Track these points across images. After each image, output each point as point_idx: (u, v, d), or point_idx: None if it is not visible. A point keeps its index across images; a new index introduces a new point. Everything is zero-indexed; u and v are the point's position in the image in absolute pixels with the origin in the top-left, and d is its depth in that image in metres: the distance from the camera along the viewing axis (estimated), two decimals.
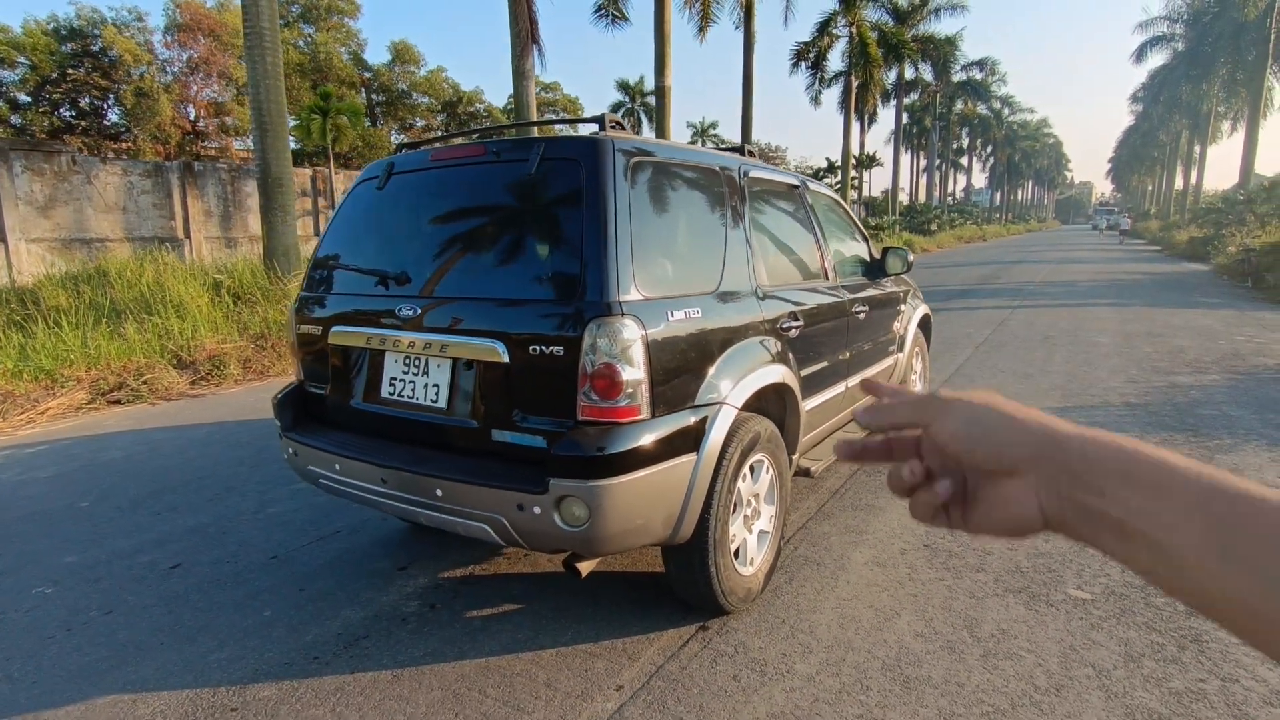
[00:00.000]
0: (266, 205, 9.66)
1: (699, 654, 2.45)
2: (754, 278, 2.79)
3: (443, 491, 2.23)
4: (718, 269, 2.60)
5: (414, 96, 37.94)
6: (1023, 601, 2.78)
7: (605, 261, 2.11)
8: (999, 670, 2.34)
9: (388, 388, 2.54)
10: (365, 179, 2.83)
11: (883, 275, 4.16)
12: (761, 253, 2.91)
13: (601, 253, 2.12)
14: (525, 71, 13.60)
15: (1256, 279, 14.84)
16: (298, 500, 3.95)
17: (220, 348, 7.65)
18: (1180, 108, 40.03)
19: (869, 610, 2.72)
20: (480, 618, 2.71)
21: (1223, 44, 29.40)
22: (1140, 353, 7.84)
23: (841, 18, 29.45)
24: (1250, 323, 10.10)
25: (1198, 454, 4.43)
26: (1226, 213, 24.98)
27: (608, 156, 2.24)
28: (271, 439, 5.16)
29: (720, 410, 2.38)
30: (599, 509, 2.04)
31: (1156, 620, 2.63)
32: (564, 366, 2.11)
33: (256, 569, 3.15)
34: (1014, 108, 61.88)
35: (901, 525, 3.46)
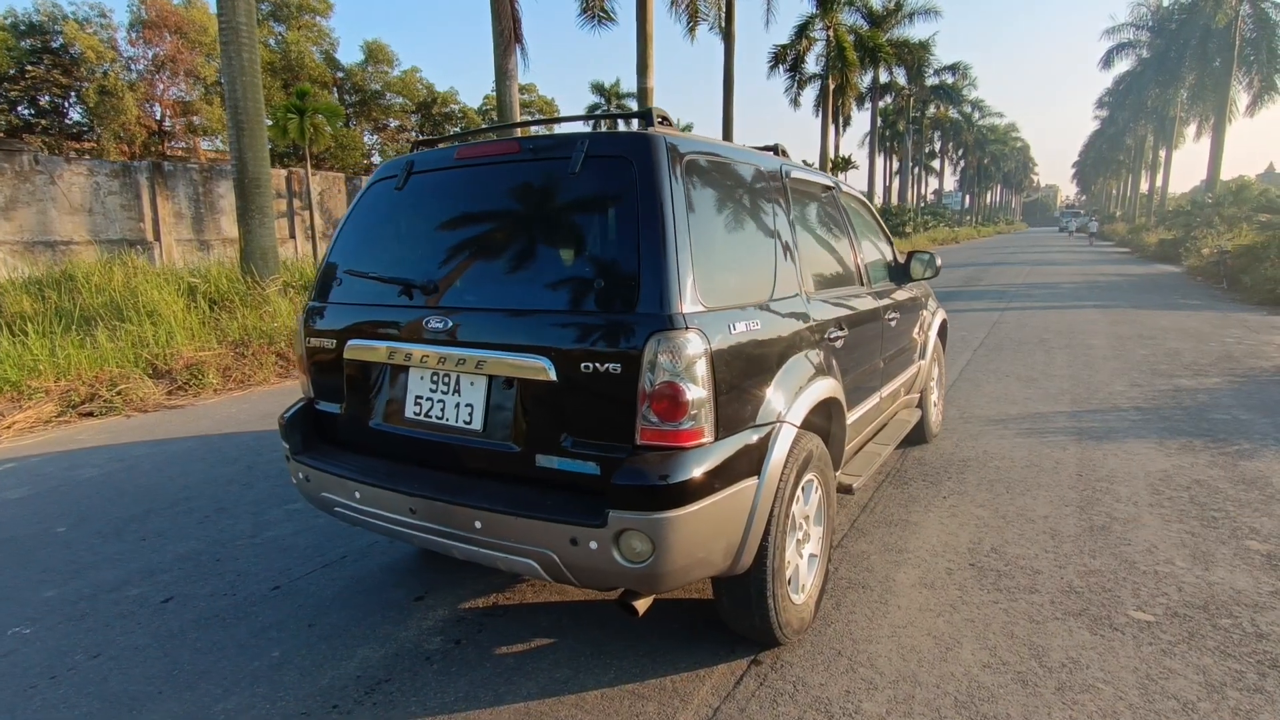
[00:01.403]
0: (244, 207, 9.29)
1: (756, 693, 2.26)
2: (802, 284, 2.62)
3: (482, 524, 2.02)
4: (770, 276, 2.42)
5: (387, 97, 37.33)
6: (1085, 625, 2.63)
7: (665, 269, 1.92)
8: (1079, 705, 2.19)
9: (412, 407, 2.31)
10: (380, 179, 2.60)
11: (907, 280, 4.02)
12: (806, 258, 2.74)
13: (660, 260, 1.92)
14: (508, 71, 13.35)
15: (1232, 281, 15.08)
16: (296, 522, 3.69)
17: (198, 356, 7.30)
18: (1146, 113, 40.88)
19: (928, 638, 2.55)
20: (512, 655, 2.49)
21: (1189, 51, 30.04)
22: (1137, 355, 7.83)
23: (819, 21, 29.58)
24: (1234, 324, 10.20)
25: (1221, 461, 4.36)
26: (1195, 215, 25.51)
27: (661, 153, 2.04)
28: (262, 454, 4.88)
29: (780, 429, 2.20)
30: (663, 543, 1.84)
31: (1228, 644, 2.50)
32: (621, 386, 1.91)
33: (258, 602, 2.90)
34: (984, 112, 62.76)
35: (942, 543, 3.31)
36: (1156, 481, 4.05)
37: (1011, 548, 3.26)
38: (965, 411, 5.63)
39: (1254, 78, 28.16)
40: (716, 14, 22.17)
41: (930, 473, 4.27)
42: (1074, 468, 4.31)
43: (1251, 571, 3.01)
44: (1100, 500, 3.80)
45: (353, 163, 33.07)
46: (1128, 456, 4.48)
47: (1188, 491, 3.90)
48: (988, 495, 3.90)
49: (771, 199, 2.60)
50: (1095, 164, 69.69)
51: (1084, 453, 4.58)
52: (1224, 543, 3.28)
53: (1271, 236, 15.69)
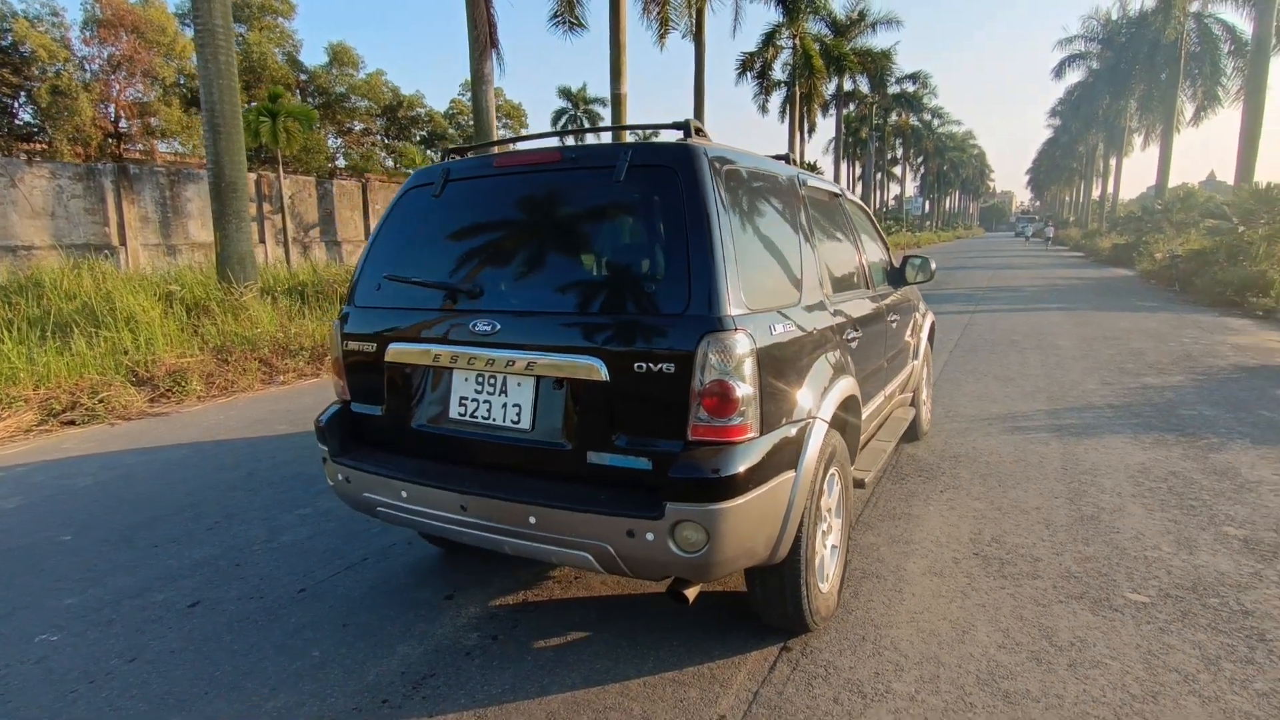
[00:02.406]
0: (220, 211, 9.15)
1: (791, 677, 2.37)
2: (823, 287, 2.75)
3: (537, 519, 2.09)
4: (798, 279, 2.55)
5: (352, 100, 36.85)
6: (1087, 607, 2.80)
7: (714, 273, 2.02)
8: (1092, 680, 2.34)
9: (457, 408, 2.37)
10: (415, 186, 2.66)
11: (903, 283, 4.19)
12: (824, 262, 2.87)
13: (709, 264, 2.03)
14: (484, 76, 13.36)
15: (1184, 284, 15.75)
16: (310, 526, 3.70)
17: (180, 363, 7.19)
18: (1097, 122, 42.35)
19: (944, 623, 2.69)
20: (550, 648, 2.57)
21: (1138, 64, 31.26)
22: (1104, 355, 8.18)
23: (785, 29, 30.07)
24: (1189, 325, 10.67)
25: (1193, 453, 4.62)
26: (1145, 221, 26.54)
27: (704, 163, 2.15)
28: (261, 460, 4.85)
29: (814, 425, 2.32)
30: (717, 533, 1.94)
31: (1218, 621, 2.69)
32: (673, 384, 2.01)
33: (287, 604, 2.92)
34: (943, 119, 64.39)
35: (945, 534, 3.47)
36: (1136, 474, 4.28)
37: (1010, 537, 3.43)
38: (951, 410, 5.85)
39: (1198, 90, 29.41)
40: (687, 22, 22.42)
41: (925, 469, 4.45)
42: (1058, 462, 4.52)
43: (1232, 555, 3.22)
44: (1087, 492, 4.00)
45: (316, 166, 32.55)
46: (1107, 451, 4.72)
47: (1166, 482, 4.13)
48: (982, 489, 4.08)
49: (793, 206, 2.73)
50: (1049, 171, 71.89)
51: (1066, 448, 4.80)
52: (1204, 529, 3.50)
53: (1219, 242, 16.41)
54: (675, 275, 2.07)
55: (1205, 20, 27.80)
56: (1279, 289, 11.91)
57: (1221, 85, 28.17)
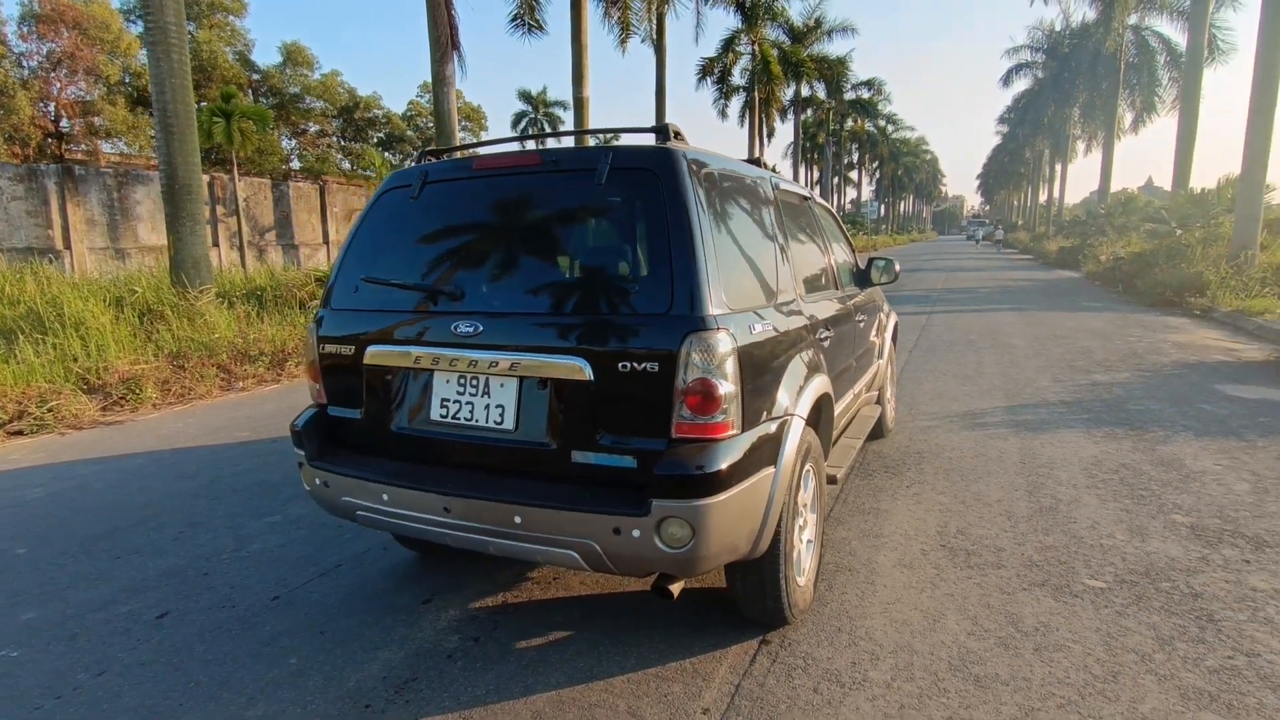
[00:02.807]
0: (174, 214, 8.89)
1: (771, 669, 2.43)
2: (796, 288, 2.82)
3: (522, 519, 2.11)
4: (774, 279, 2.61)
5: (307, 100, 36.12)
6: (1049, 594, 2.92)
7: (695, 274, 2.06)
8: (1056, 663, 2.45)
9: (438, 410, 2.37)
10: (392, 188, 2.65)
11: (868, 284, 4.30)
12: (796, 263, 2.94)
13: (691, 265, 2.07)
14: (446, 78, 13.24)
15: (1127, 285, 16.39)
16: (279, 534, 3.64)
17: (133, 369, 6.97)
18: (1043, 129, 43.80)
19: (916, 613, 2.78)
20: (532, 648, 2.58)
21: (1081, 73, 32.46)
22: (1054, 354, 8.48)
23: (745, 35, 30.45)
24: (1133, 324, 11.12)
25: (1141, 446, 4.83)
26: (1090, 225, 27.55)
27: (683, 166, 2.19)
28: (223, 468, 4.75)
29: (792, 422, 2.38)
30: (702, 528, 1.99)
31: (1170, 604, 2.83)
32: (657, 383, 2.04)
33: (261, 612, 2.87)
34: (897, 125, 65.84)
35: (913, 527, 3.58)
36: (1089, 466, 4.46)
37: (975, 529, 3.55)
38: (913, 408, 6.01)
39: (1136, 99, 30.66)
40: (648, 27, 22.56)
41: (891, 464, 4.57)
42: (1017, 456, 4.69)
43: (1180, 541, 3.39)
44: (1044, 484, 4.16)
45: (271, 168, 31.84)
46: (1062, 445, 4.90)
47: (1117, 474, 4.32)
48: (945, 483, 4.21)
49: (767, 209, 2.80)
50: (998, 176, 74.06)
51: (1023, 443, 4.98)
52: (1154, 517, 3.67)
53: (1159, 244, 17.13)
54: (658, 276, 2.11)
55: (1143, 32, 29.01)
56: (1214, 289, 12.47)
57: (1158, 95, 29.41)
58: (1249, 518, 3.64)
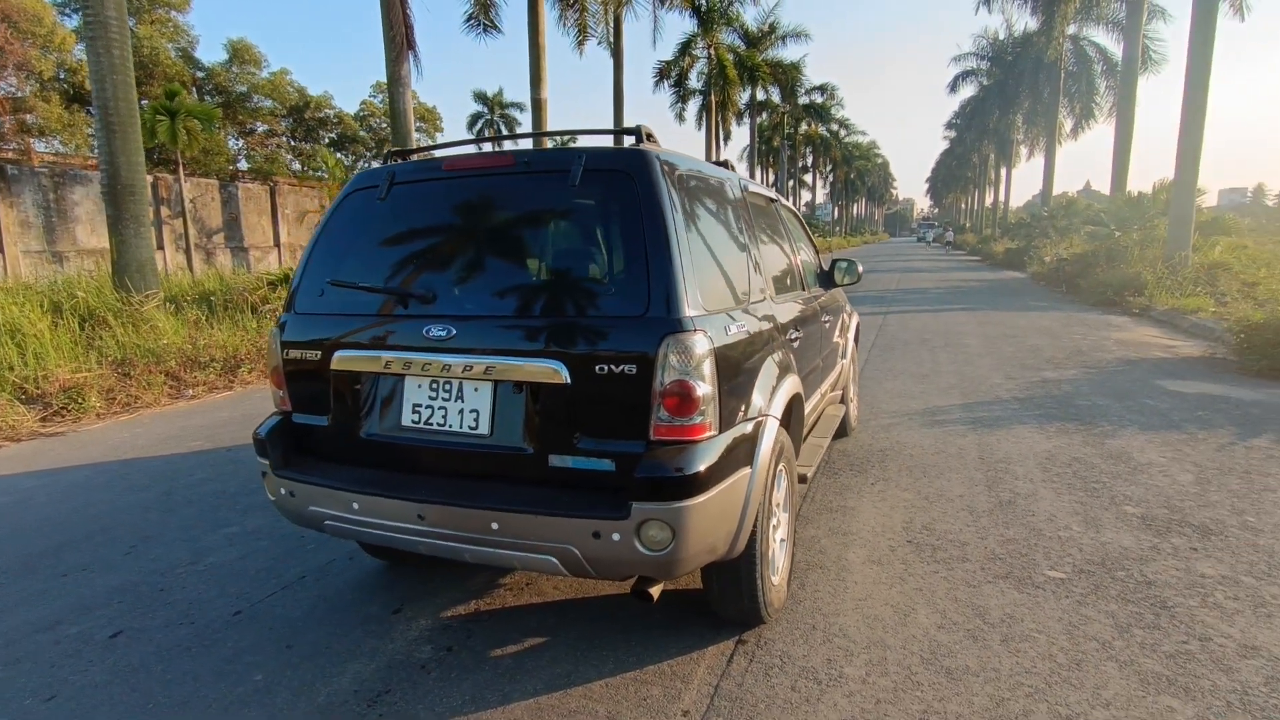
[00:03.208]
0: (116, 216, 8.55)
1: (749, 669, 2.44)
2: (767, 289, 2.84)
3: (500, 525, 2.08)
4: (745, 280, 2.62)
5: (255, 99, 35.13)
6: (1013, 586, 3.00)
7: (672, 276, 2.06)
8: (1023, 653, 2.51)
9: (410, 415, 2.32)
10: (358, 189, 2.58)
11: (832, 285, 4.36)
12: (766, 264, 2.97)
13: (667, 267, 2.07)
14: (401, 78, 13.03)
15: (1070, 285, 17.00)
16: (239, 546, 3.52)
17: (75, 378, 6.67)
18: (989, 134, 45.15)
19: (886, 608, 2.83)
20: (508, 656, 2.54)
21: (1024, 81, 33.56)
22: (1005, 352, 8.74)
23: (701, 39, 30.69)
24: (1077, 323, 11.53)
25: (1091, 440, 5.00)
26: (1034, 227, 28.50)
27: (658, 168, 2.19)
28: (176, 479, 4.58)
29: (767, 422, 2.39)
30: (682, 530, 1.99)
31: (1126, 592, 2.94)
32: (635, 385, 2.04)
33: (222, 628, 2.77)
34: (850, 130, 67.13)
35: (880, 524, 3.64)
36: (1044, 460, 4.61)
37: (939, 524, 3.63)
38: (874, 407, 6.12)
39: (1076, 106, 31.82)
40: (605, 30, 22.56)
41: (855, 463, 4.64)
42: (975, 452, 4.81)
43: (1132, 531, 3.52)
44: (1003, 479, 4.28)
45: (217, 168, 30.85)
46: (1017, 441, 5.05)
47: (1070, 468, 4.46)
48: (909, 480, 4.29)
49: (737, 210, 2.81)
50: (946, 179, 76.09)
51: (980, 439, 5.11)
52: (1106, 509, 3.81)
53: (1099, 246, 17.82)
54: (634, 278, 2.10)
55: (1080, 42, 30.13)
56: (1151, 289, 13.01)
57: (1096, 102, 30.58)
58: (1194, 507, 3.80)
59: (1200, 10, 12.99)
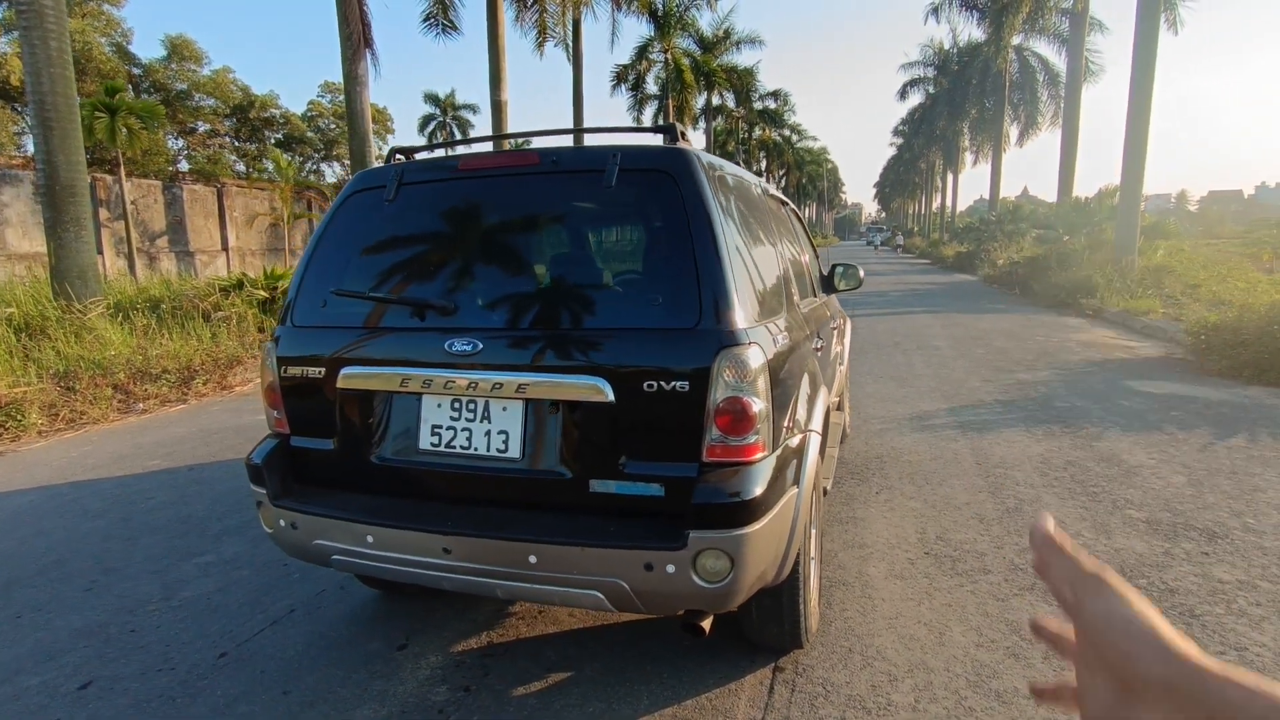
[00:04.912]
0: (55, 218, 8.00)
1: (793, 699, 2.30)
2: (795, 296, 2.72)
3: (538, 558, 1.89)
4: (781, 288, 2.49)
5: (196, 98, 33.75)
6: (1039, 598, 2.93)
7: (723, 284, 1.92)
8: (1067, 670, 2.43)
9: (429, 438, 2.12)
10: (360, 190, 2.36)
11: (832, 289, 4.28)
12: (791, 270, 2.85)
13: (718, 275, 1.92)
14: (358, 77, 12.60)
15: (1023, 287, 17.46)
16: (215, 577, 3.24)
17: (12, 393, 6.18)
18: (936, 140, 46.36)
19: (920, 626, 2.73)
20: (533, 694, 2.35)
21: (971, 90, 34.55)
22: (977, 354, 8.84)
23: (657, 44, 30.70)
24: (1037, 325, 11.79)
25: (1080, 443, 5.03)
26: (983, 231, 29.32)
27: (700, 169, 2.04)
28: (135, 503, 4.23)
29: (811, 438, 2.27)
30: (741, 559, 1.83)
31: (1155, 601, 2.83)
32: (686, 403, 1.88)
33: (208, 674, 2.51)
34: (801, 135, 68.20)
35: (894, 535, 3.55)
36: (1040, 464, 4.61)
37: (952, 534, 3.56)
38: (862, 412, 6.08)
39: (1020, 114, 32.88)
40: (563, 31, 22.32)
41: (855, 471, 4.56)
42: (971, 457, 4.79)
43: (1141, 537, 3.51)
44: (1004, 485, 4.25)
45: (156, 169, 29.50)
46: (1009, 445, 5.05)
47: (1066, 471, 4.47)
48: (913, 488, 4.23)
49: (766, 214, 2.69)
50: (894, 184, 77.92)
51: (973, 443, 5.10)
52: (1111, 514, 3.80)
53: (1049, 250, 18.37)
54: (683, 287, 1.94)
55: (1025, 53, 31.15)
56: (1102, 291, 13.42)
57: (1039, 111, 31.64)
58: (1194, 509, 3.82)
59: (1143, 27, 13.47)
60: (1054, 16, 24.50)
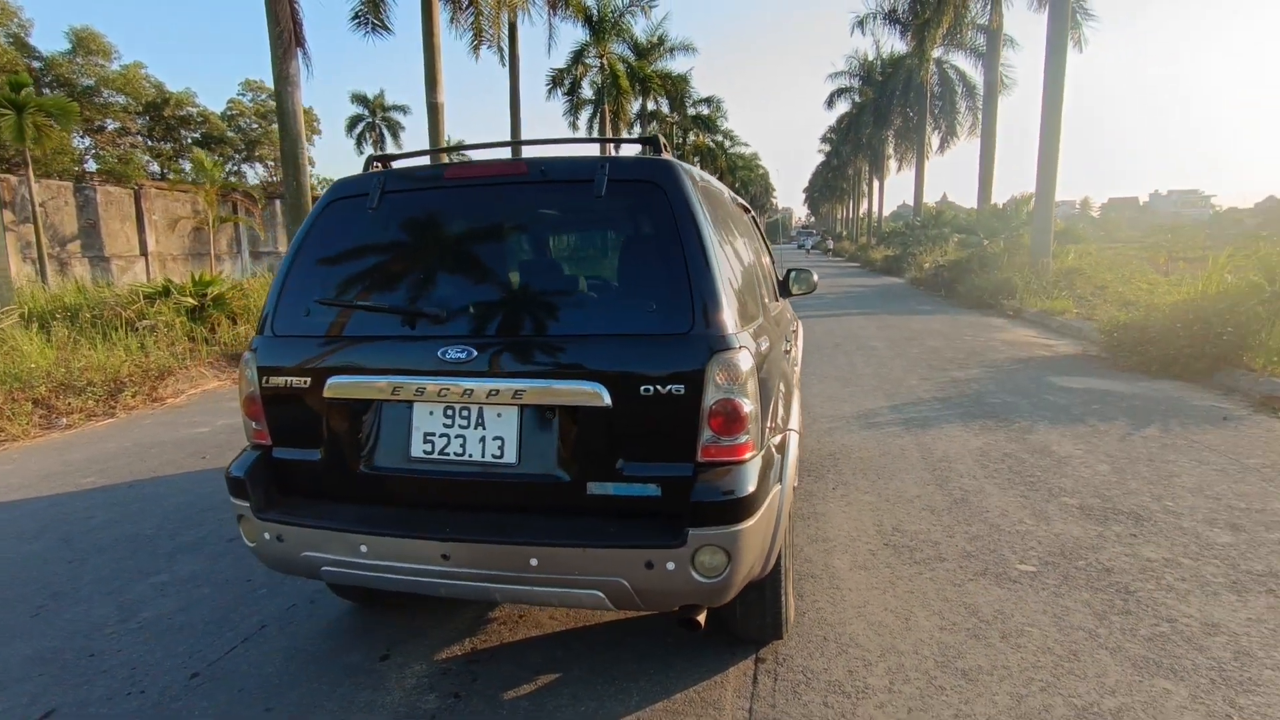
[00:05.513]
0: None
1: (777, 688, 2.40)
2: (768, 299, 2.83)
3: (539, 560, 1.93)
4: (757, 293, 2.60)
5: (105, 94, 31.91)
6: (993, 582, 3.13)
7: (714, 290, 2.00)
8: (1024, 648, 2.62)
9: (421, 446, 2.12)
10: (340, 198, 2.34)
11: (787, 294, 4.43)
12: (762, 275, 2.96)
13: (709, 282, 2.00)
14: (289, 77, 12.20)
15: (948, 289, 18.30)
16: (174, 597, 3.12)
17: None
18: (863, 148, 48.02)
19: (887, 613, 2.88)
20: (524, 697, 2.38)
21: (895, 100, 35.97)
22: (912, 354, 9.25)
23: (593, 48, 30.77)
24: (964, 325, 12.40)
25: (1014, 436, 5.35)
26: (908, 235, 30.57)
27: (686, 179, 2.12)
28: (74, 523, 4.03)
29: (790, 436, 2.37)
30: (737, 554, 1.92)
31: (1091, 581, 3.13)
32: (682, 406, 1.95)
33: (182, 695, 2.43)
34: (734, 141, 69.39)
35: (854, 528, 3.72)
36: (980, 457, 4.88)
37: (907, 525, 3.75)
38: (810, 411, 6.29)
39: (941, 124, 34.43)
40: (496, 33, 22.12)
41: (811, 468, 4.73)
42: (916, 452, 5.03)
43: (1077, 521, 3.78)
44: (949, 477, 4.49)
45: (61, 168, 27.72)
46: (950, 439, 5.33)
47: (1004, 463, 4.75)
48: (866, 482, 4.42)
49: (740, 221, 2.79)
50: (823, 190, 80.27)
51: (917, 439, 5.36)
52: (1048, 501, 4.07)
53: (972, 253, 19.30)
54: (675, 293, 2.02)
55: (944, 66, 32.65)
56: (1021, 293, 14.21)
57: (958, 121, 33.21)
58: (1120, 495, 4.13)
59: (1053, 44, 14.35)
60: (971, 32, 25.75)
